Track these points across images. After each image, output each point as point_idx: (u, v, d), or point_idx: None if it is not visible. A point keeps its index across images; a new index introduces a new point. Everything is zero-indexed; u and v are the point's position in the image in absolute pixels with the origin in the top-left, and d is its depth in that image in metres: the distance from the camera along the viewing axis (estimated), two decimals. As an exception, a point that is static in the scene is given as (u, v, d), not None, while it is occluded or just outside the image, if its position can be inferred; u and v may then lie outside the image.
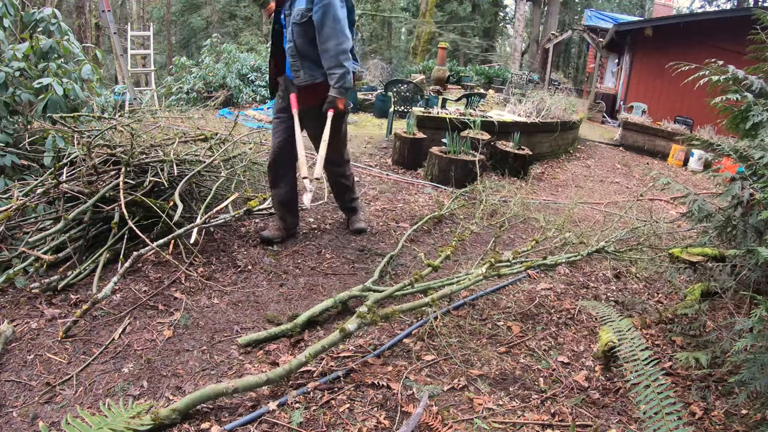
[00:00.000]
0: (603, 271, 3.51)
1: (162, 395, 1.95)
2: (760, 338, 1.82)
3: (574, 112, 8.58)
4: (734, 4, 23.94)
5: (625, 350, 1.74)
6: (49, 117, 3.39)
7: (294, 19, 2.94)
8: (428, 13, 16.73)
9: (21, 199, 2.79)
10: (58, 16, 3.78)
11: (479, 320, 2.69)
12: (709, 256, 2.74)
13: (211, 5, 20.70)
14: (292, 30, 2.97)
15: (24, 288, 2.49)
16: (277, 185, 3.34)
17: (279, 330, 2.36)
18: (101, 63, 10.82)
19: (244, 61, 10.20)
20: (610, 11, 23.96)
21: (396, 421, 1.87)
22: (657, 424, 1.50)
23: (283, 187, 3.34)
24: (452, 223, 4.20)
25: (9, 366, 2.01)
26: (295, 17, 2.94)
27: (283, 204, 3.36)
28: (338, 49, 2.94)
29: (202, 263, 2.98)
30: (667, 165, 9.25)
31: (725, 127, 2.64)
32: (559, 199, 5.54)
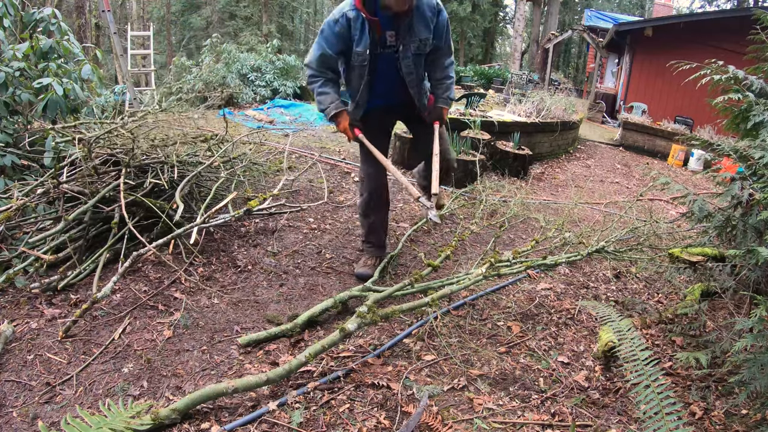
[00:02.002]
0: (603, 271, 3.51)
1: (162, 395, 1.95)
2: (760, 338, 1.82)
3: (574, 112, 8.58)
4: (734, 4, 23.94)
5: (625, 350, 1.74)
6: (48, 117, 3.39)
7: (413, 51, 2.76)
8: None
9: (21, 199, 2.79)
10: (58, 16, 3.78)
11: (479, 320, 2.69)
12: (709, 256, 2.74)
13: (211, 5, 20.70)
14: (412, 62, 2.79)
15: (24, 288, 2.49)
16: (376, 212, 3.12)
17: (279, 330, 2.36)
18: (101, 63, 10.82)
19: (244, 61, 10.20)
20: (610, 11, 23.98)
21: (396, 421, 1.87)
22: (657, 424, 1.50)
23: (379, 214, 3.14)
24: (452, 223, 4.20)
25: (9, 366, 2.01)
26: (415, 49, 2.75)
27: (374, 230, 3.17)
28: (452, 60, 2.94)
29: (202, 263, 2.98)
30: (667, 165, 9.26)
31: (725, 127, 2.64)
32: (559, 199, 5.54)
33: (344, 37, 2.67)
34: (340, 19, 2.64)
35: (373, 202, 3.06)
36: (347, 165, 5.44)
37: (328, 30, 2.67)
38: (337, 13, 2.67)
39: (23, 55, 3.39)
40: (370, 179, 2.99)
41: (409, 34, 2.70)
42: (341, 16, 2.65)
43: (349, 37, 2.68)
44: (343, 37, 2.67)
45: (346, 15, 2.64)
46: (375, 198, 3.04)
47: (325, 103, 2.75)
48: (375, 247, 3.15)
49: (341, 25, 2.65)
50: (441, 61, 2.90)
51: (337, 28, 2.65)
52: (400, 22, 2.65)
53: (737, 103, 2.46)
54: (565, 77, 17.67)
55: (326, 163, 5.41)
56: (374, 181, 3.00)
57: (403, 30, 2.68)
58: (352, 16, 2.63)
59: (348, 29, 2.66)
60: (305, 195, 4.35)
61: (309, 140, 6.54)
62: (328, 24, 2.68)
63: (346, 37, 2.68)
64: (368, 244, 3.18)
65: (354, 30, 2.66)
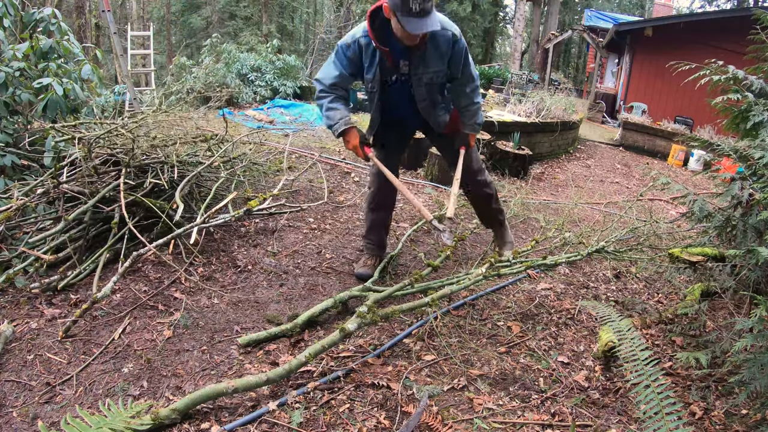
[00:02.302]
0: (603, 271, 3.51)
1: (162, 395, 1.95)
2: (760, 338, 1.82)
3: (574, 112, 8.59)
4: (734, 4, 23.94)
5: (625, 350, 1.74)
6: (48, 117, 3.39)
7: (426, 81, 2.73)
8: (428, 13, 16.74)
9: (21, 199, 2.79)
10: (58, 16, 3.78)
11: (479, 320, 2.69)
12: (709, 256, 2.74)
13: (211, 5, 20.68)
14: (425, 91, 2.77)
15: (24, 288, 2.49)
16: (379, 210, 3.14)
17: (279, 330, 2.36)
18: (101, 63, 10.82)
19: (244, 61, 10.20)
20: (610, 11, 23.98)
21: (396, 421, 1.87)
22: (657, 424, 1.50)
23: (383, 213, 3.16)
24: (452, 222, 4.20)
25: (9, 366, 2.01)
26: (427, 78, 2.72)
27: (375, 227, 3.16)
28: (476, 85, 2.89)
29: (202, 263, 2.98)
30: (667, 165, 9.26)
31: (725, 127, 2.64)
32: (559, 199, 5.54)
33: (355, 62, 2.66)
34: (351, 45, 2.62)
35: (381, 197, 3.05)
36: (347, 165, 5.44)
37: (341, 53, 2.65)
38: (349, 38, 2.63)
39: (23, 55, 3.39)
40: (380, 176, 2.93)
41: (422, 64, 2.66)
42: (353, 42, 2.61)
43: (360, 63, 2.66)
44: (354, 62, 2.65)
45: (358, 42, 2.60)
46: (383, 193, 3.04)
47: (333, 119, 2.68)
48: (375, 245, 3.15)
49: (353, 51, 2.62)
50: (463, 89, 2.84)
51: (348, 53, 2.63)
52: (414, 52, 2.60)
53: (737, 103, 2.46)
54: (565, 77, 17.66)
55: (326, 163, 5.41)
56: (384, 178, 2.95)
57: (416, 60, 2.63)
58: (364, 43, 2.59)
59: (359, 55, 2.63)
60: (305, 195, 4.35)
61: (309, 140, 6.54)
62: (341, 47, 2.65)
63: (357, 63, 2.66)
64: (368, 242, 3.17)
65: (365, 57, 2.63)
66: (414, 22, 2.31)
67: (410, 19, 2.31)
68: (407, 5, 2.28)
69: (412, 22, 2.31)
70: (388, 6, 2.37)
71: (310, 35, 22.12)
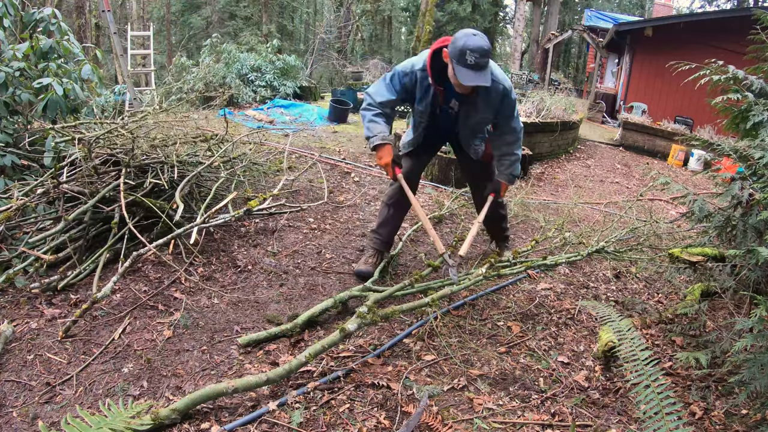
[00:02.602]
0: (603, 271, 3.51)
1: (162, 395, 1.95)
2: (760, 338, 1.82)
3: (574, 112, 8.58)
4: (734, 4, 23.94)
5: (625, 350, 1.74)
6: (48, 117, 3.39)
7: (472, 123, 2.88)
8: (428, 13, 16.72)
9: (21, 199, 2.79)
10: (58, 16, 3.78)
11: (479, 320, 2.69)
12: (709, 256, 2.74)
13: (211, 5, 20.68)
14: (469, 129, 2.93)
15: (24, 288, 2.49)
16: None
17: (279, 330, 2.36)
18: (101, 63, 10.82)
19: (244, 61, 10.20)
20: (610, 11, 23.97)
21: (396, 421, 1.87)
22: (657, 424, 1.50)
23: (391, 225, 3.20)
24: (452, 223, 4.21)
25: (9, 366, 2.01)
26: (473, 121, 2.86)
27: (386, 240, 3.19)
28: (518, 138, 2.96)
29: (202, 263, 2.98)
30: (667, 165, 9.26)
31: (725, 127, 2.64)
32: (559, 199, 5.54)
33: (408, 90, 2.77)
34: (409, 74, 2.72)
35: (400, 196, 3.06)
36: (347, 165, 5.44)
37: (397, 78, 2.76)
38: (408, 67, 2.73)
39: (23, 55, 3.39)
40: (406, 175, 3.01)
41: (471, 109, 2.79)
42: (411, 72, 2.72)
43: (412, 92, 2.77)
44: (407, 90, 2.77)
45: (415, 73, 2.71)
46: (403, 194, 3.04)
47: (373, 131, 2.74)
48: (382, 241, 3.16)
49: (409, 80, 2.73)
50: (505, 138, 2.94)
51: (404, 81, 2.74)
52: (465, 97, 2.71)
53: (737, 103, 2.46)
54: (565, 77, 17.66)
55: (326, 163, 5.41)
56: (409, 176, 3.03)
57: (466, 104, 2.77)
58: (420, 76, 2.70)
59: (414, 85, 2.74)
60: (305, 195, 4.35)
61: (309, 140, 6.54)
62: (398, 73, 2.76)
63: (409, 91, 2.78)
64: (377, 236, 3.16)
65: (419, 89, 2.75)
66: (468, 74, 2.42)
67: (465, 70, 2.42)
68: (464, 57, 2.39)
69: (466, 73, 2.42)
70: (448, 52, 2.49)
71: (310, 35, 22.12)
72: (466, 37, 2.41)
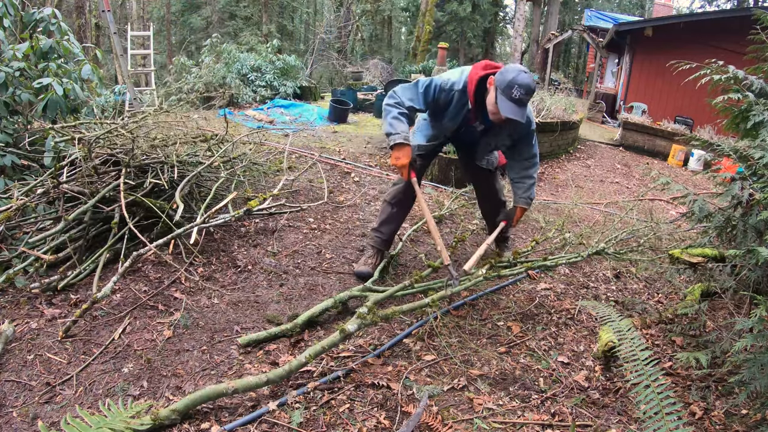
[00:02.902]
0: (603, 271, 3.51)
1: (162, 395, 1.95)
2: (760, 338, 1.82)
3: (574, 112, 8.58)
4: (734, 4, 23.94)
5: (625, 350, 1.74)
6: (48, 117, 3.39)
7: (493, 145, 2.99)
8: (428, 13, 16.72)
9: (21, 199, 2.79)
10: (58, 16, 3.78)
11: (479, 320, 2.69)
12: (709, 256, 2.74)
13: (211, 5, 20.67)
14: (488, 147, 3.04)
15: (24, 288, 2.49)
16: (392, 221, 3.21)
17: (279, 330, 2.36)
18: (101, 63, 10.82)
19: (244, 61, 10.19)
20: (610, 11, 23.97)
21: (396, 421, 1.87)
22: (657, 424, 1.50)
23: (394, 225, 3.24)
24: (452, 222, 4.21)
25: (9, 366, 2.01)
26: (494, 143, 2.98)
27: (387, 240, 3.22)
28: (535, 162, 3.04)
29: (202, 263, 2.98)
30: (667, 165, 9.26)
31: (725, 127, 2.64)
32: (559, 199, 5.54)
33: (440, 105, 2.79)
34: (447, 91, 2.73)
35: (404, 196, 3.09)
36: (347, 165, 5.44)
37: (432, 91, 2.73)
38: (447, 84, 2.72)
39: (23, 55, 3.39)
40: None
41: (497, 134, 2.90)
42: (450, 90, 2.73)
43: (444, 108, 2.79)
44: (438, 104, 2.78)
45: (454, 93, 2.73)
46: (407, 194, 3.08)
47: (396, 129, 2.69)
48: (383, 240, 3.16)
49: (445, 96, 2.75)
50: (522, 162, 3.02)
51: (440, 96, 2.74)
52: (495, 123, 2.73)
53: (737, 103, 2.46)
54: (565, 77, 17.64)
55: (326, 163, 5.41)
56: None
57: (494, 128, 2.84)
58: (458, 97, 2.72)
59: (448, 103, 2.77)
60: (305, 195, 4.35)
61: (309, 140, 6.54)
62: (436, 87, 2.73)
63: (442, 106, 2.79)
64: (378, 234, 3.16)
65: (454, 107, 2.77)
66: (509, 107, 2.48)
67: (508, 103, 2.48)
68: (511, 91, 2.45)
69: (509, 106, 2.48)
70: (495, 80, 2.54)
71: (310, 35, 22.12)
72: (517, 72, 2.47)
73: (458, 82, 2.71)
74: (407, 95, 2.74)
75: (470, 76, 2.67)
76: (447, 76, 2.76)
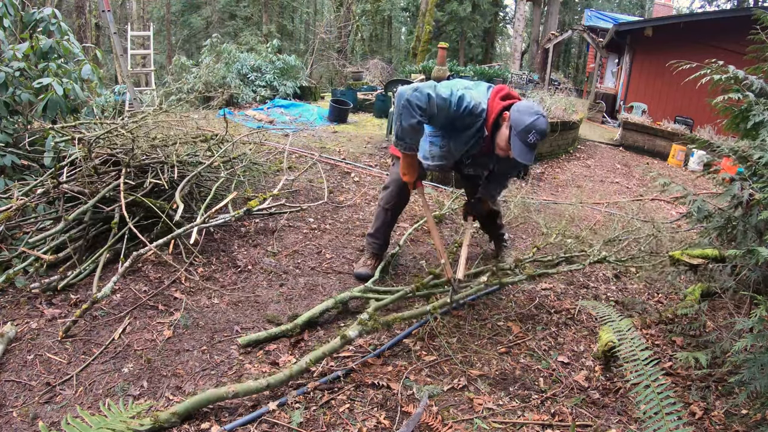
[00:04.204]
0: (603, 271, 3.51)
1: (162, 395, 1.95)
2: (760, 338, 1.82)
3: (574, 112, 8.58)
4: (734, 4, 23.93)
5: (625, 350, 1.74)
6: (48, 117, 3.39)
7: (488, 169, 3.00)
8: (428, 13, 16.72)
9: (21, 199, 2.79)
10: (58, 16, 3.78)
11: (479, 320, 2.69)
12: (710, 257, 2.74)
13: (211, 5, 20.69)
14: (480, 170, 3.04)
15: (24, 288, 2.49)
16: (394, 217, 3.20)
17: (279, 330, 2.36)
18: (101, 63, 10.82)
19: (244, 61, 10.19)
20: (610, 11, 23.96)
21: (396, 421, 1.87)
22: (657, 424, 1.50)
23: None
24: (452, 222, 4.20)
25: (9, 366, 2.01)
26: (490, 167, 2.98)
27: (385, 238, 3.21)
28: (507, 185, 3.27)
29: (202, 263, 2.98)
30: (668, 165, 9.25)
31: (725, 127, 2.64)
32: (559, 199, 5.54)
33: (459, 125, 2.65)
34: (477, 115, 2.58)
35: (398, 200, 3.07)
36: (347, 165, 5.44)
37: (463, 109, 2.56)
38: (478, 107, 2.57)
39: (23, 55, 3.39)
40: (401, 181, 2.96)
41: (496, 164, 2.89)
42: (479, 115, 2.59)
43: (463, 128, 2.67)
44: (460, 123, 2.63)
45: (476, 116, 2.59)
46: (400, 197, 3.06)
47: (413, 140, 2.63)
48: (380, 244, 3.16)
49: (471, 120, 2.60)
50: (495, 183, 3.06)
51: (467, 118, 2.59)
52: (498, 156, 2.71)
53: (737, 103, 2.47)
54: (565, 77, 17.66)
55: (326, 163, 5.41)
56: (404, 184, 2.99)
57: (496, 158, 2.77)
58: (479, 125, 2.62)
59: (469, 125, 2.64)
60: (305, 195, 4.35)
61: (309, 140, 6.53)
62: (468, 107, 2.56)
63: (459, 126, 2.65)
64: (374, 239, 3.15)
65: (472, 130, 2.65)
66: (522, 151, 2.46)
67: (522, 146, 2.46)
68: (526, 134, 2.42)
69: (522, 149, 2.46)
70: (511, 119, 2.47)
71: (310, 35, 22.12)
72: (536, 116, 2.42)
73: (480, 109, 2.59)
74: (435, 104, 2.50)
75: (491, 106, 2.58)
76: (476, 99, 2.58)
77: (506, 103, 2.57)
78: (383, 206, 3.11)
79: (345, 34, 18.58)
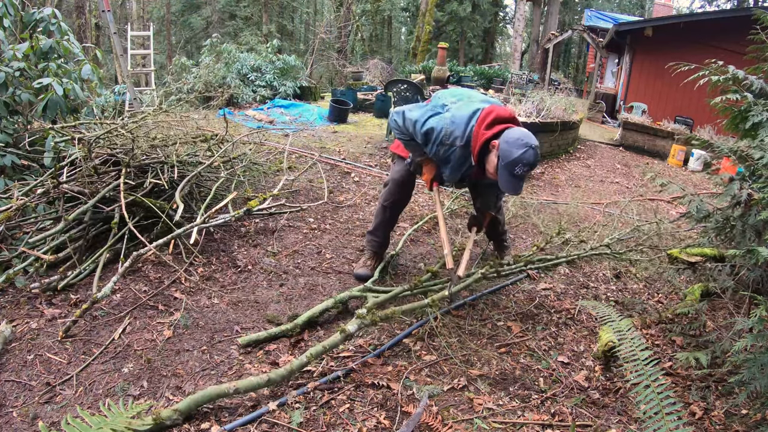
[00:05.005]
0: (603, 271, 3.51)
1: (162, 395, 1.95)
2: (760, 338, 1.82)
3: (574, 112, 8.57)
4: (734, 4, 23.94)
5: (625, 350, 1.74)
6: (48, 117, 3.39)
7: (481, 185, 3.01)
8: (428, 13, 16.73)
9: (21, 199, 2.79)
10: (58, 16, 3.78)
11: (479, 320, 2.69)
12: (708, 256, 2.74)
13: (211, 5, 20.68)
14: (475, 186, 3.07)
15: (24, 288, 2.49)
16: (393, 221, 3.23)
17: (279, 330, 2.36)
18: (101, 63, 10.82)
19: (244, 61, 10.19)
20: (610, 11, 23.96)
21: (396, 421, 1.88)
22: (657, 424, 1.50)
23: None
24: (452, 222, 4.20)
25: (9, 366, 2.01)
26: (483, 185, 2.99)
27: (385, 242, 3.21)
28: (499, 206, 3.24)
29: (202, 263, 2.98)
30: (667, 165, 9.25)
31: (725, 127, 2.64)
32: (559, 199, 5.54)
33: (441, 156, 2.69)
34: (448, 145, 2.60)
35: (398, 197, 3.07)
36: (347, 165, 5.44)
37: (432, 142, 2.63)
38: (449, 136, 2.58)
39: (23, 55, 3.39)
40: (401, 178, 3.01)
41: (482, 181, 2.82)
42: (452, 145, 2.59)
43: (445, 160, 2.70)
44: (439, 155, 2.69)
45: (457, 148, 2.58)
46: (401, 195, 3.07)
47: (416, 152, 2.83)
48: (380, 243, 3.16)
49: (445, 151, 2.63)
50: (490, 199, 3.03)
51: (440, 150, 2.64)
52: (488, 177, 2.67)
53: (737, 103, 2.46)
54: (565, 77, 17.66)
55: (326, 163, 5.41)
56: (405, 179, 3.02)
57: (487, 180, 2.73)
58: (460, 153, 2.60)
59: (448, 156, 2.66)
60: (305, 195, 4.35)
61: (309, 140, 6.53)
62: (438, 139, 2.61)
63: (442, 157, 2.69)
64: (374, 238, 3.15)
65: (454, 161, 2.66)
66: (509, 182, 2.43)
67: (509, 177, 2.42)
68: (513, 166, 2.37)
69: (508, 180, 2.43)
70: (499, 148, 2.42)
71: (310, 35, 22.13)
72: (524, 149, 2.35)
73: (461, 136, 2.54)
74: (407, 127, 2.71)
75: (476, 134, 2.51)
76: (447, 128, 2.58)
77: (493, 131, 2.48)
78: (382, 204, 3.12)
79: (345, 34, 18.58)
